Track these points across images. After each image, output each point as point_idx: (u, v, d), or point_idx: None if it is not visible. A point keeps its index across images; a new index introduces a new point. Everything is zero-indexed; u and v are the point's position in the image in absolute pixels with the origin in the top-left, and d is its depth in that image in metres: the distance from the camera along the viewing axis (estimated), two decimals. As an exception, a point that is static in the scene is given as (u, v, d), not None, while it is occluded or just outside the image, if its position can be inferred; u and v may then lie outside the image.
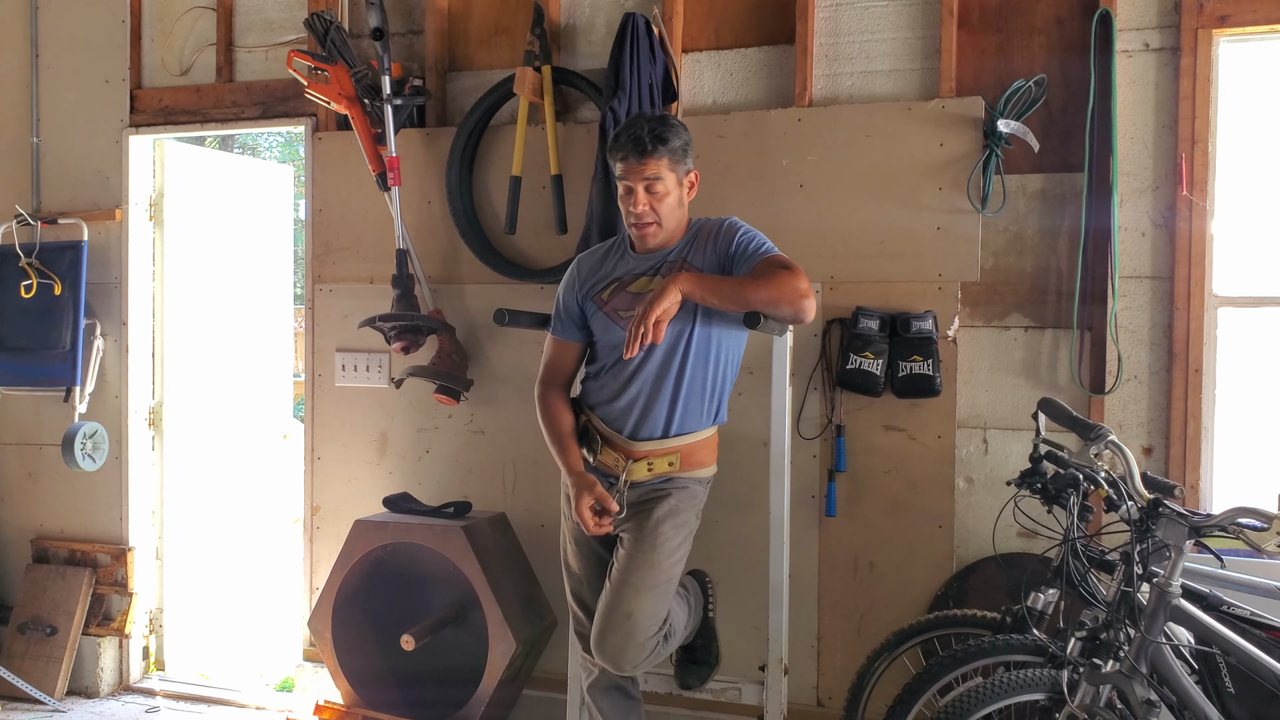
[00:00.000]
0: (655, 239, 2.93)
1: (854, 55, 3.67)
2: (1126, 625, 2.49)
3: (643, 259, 2.98)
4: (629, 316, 2.86)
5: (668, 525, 2.86)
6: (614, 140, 2.94)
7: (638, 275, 2.96)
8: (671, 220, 2.93)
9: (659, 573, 2.83)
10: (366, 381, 4.24)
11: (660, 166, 2.87)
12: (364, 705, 3.79)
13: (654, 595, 2.81)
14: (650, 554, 2.83)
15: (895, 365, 3.50)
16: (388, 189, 3.97)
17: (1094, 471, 2.70)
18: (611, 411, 2.94)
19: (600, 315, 2.97)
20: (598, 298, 2.99)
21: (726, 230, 2.94)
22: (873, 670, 3.22)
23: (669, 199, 2.90)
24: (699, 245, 2.94)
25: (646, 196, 2.87)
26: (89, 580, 4.60)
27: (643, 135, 2.86)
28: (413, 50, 4.20)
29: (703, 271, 2.87)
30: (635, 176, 2.87)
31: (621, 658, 2.81)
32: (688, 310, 2.82)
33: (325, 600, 3.84)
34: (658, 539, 2.84)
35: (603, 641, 2.82)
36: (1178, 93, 3.33)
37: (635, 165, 2.86)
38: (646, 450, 2.91)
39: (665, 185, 2.88)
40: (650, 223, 2.89)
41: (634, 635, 2.79)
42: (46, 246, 4.59)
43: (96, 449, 4.53)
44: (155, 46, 4.58)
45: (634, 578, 2.81)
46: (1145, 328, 3.39)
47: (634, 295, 2.92)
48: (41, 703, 4.43)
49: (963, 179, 3.49)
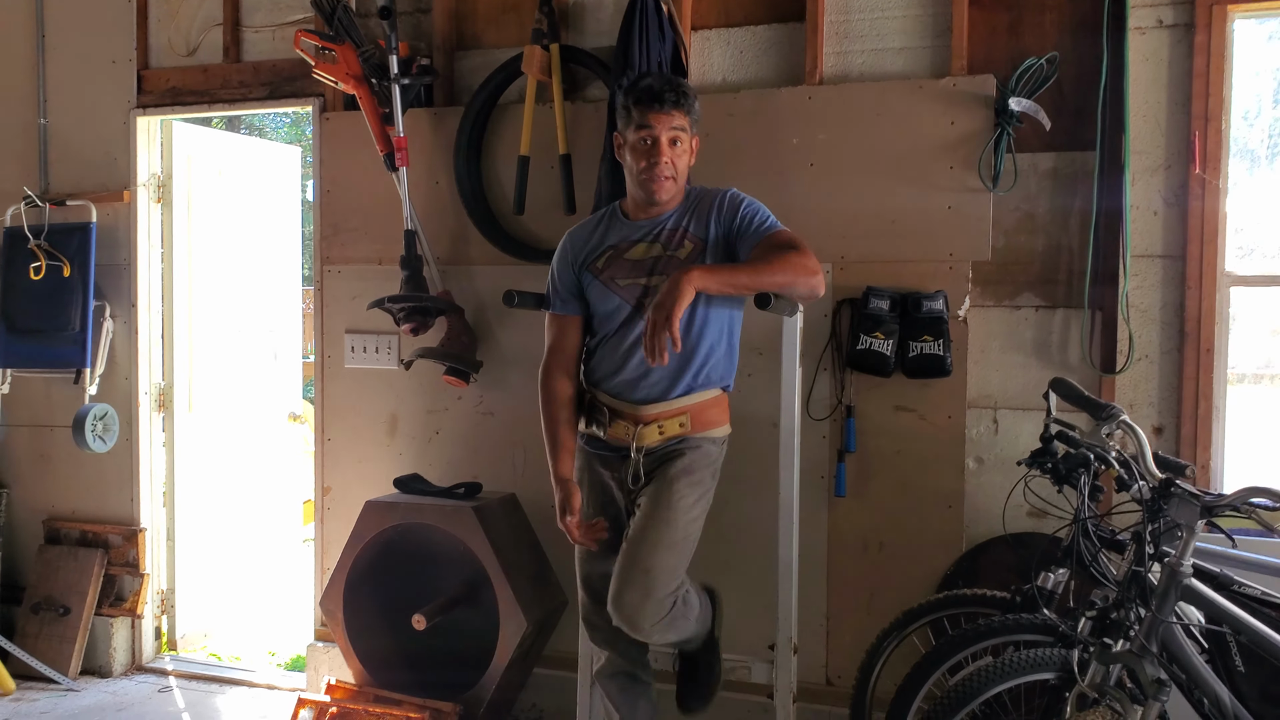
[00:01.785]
0: (668, 194, 2.87)
1: (865, 33, 3.65)
2: (1137, 605, 2.49)
3: (637, 225, 2.93)
4: (628, 285, 2.85)
5: (682, 483, 2.83)
6: (639, 89, 2.85)
7: (634, 242, 2.91)
8: (682, 180, 2.90)
9: (675, 530, 2.79)
10: (376, 363, 4.24)
11: (685, 121, 2.83)
12: (375, 684, 3.81)
13: (671, 552, 2.78)
14: (666, 511, 2.79)
15: (906, 345, 3.48)
16: (395, 169, 3.96)
17: (1105, 451, 2.69)
18: (616, 383, 2.90)
19: (597, 284, 2.92)
20: (593, 267, 2.94)
21: (730, 202, 2.89)
22: (882, 649, 3.23)
23: (684, 158, 2.87)
24: (699, 214, 2.90)
25: (670, 149, 2.82)
26: (101, 561, 4.63)
27: (671, 87, 2.81)
28: (420, 29, 4.18)
29: (704, 241, 2.85)
30: (662, 126, 2.80)
31: (639, 614, 2.76)
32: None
33: (336, 580, 3.85)
34: (673, 496, 2.81)
35: (620, 598, 2.78)
36: (1191, 70, 3.31)
37: (663, 115, 2.80)
38: (655, 413, 2.87)
39: (685, 144, 2.86)
40: (670, 176, 2.84)
41: (652, 591, 2.75)
42: (55, 228, 4.60)
43: (107, 430, 4.54)
44: (162, 26, 4.57)
45: (651, 534, 2.78)
46: (1157, 307, 3.38)
47: (632, 262, 2.88)
48: (56, 682, 4.46)
49: (974, 158, 3.47)
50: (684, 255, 2.85)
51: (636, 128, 2.84)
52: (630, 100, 2.86)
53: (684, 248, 2.87)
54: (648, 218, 2.93)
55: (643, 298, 2.85)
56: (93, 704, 4.31)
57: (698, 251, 2.86)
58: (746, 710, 3.68)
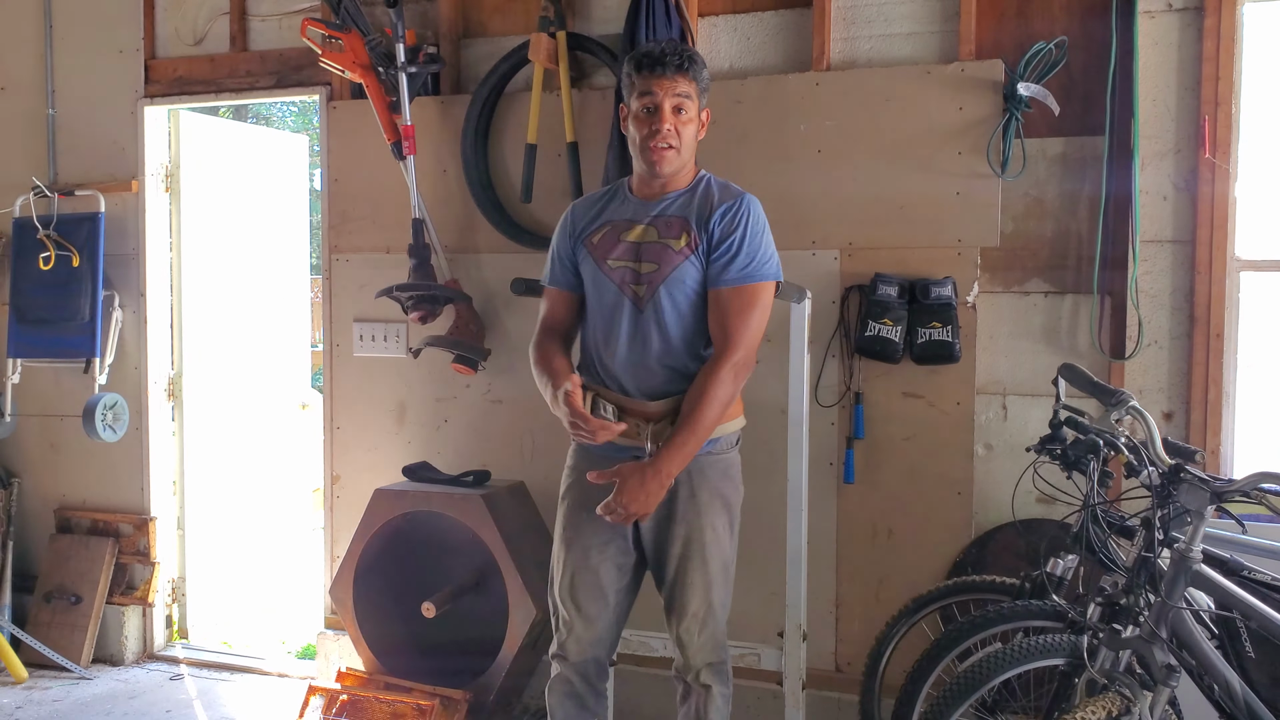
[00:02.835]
0: (670, 165, 2.70)
1: (872, 18, 3.63)
2: (1146, 591, 2.48)
3: (641, 204, 2.77)
4: (618, 267, 2.71)
5: (709, 518, 2.72)
6: (641, 54, 2.70)
7: (633, 223, 2.75)
8: (687, 153, 2.73)
9: (713, 566, 2.73)
10: (384, 351, 4.25)
11: (691, 88, 2.68)
12: (385, 672, 3.83)
13: (714, 589, 2.74)
14: (701, 550, 2.71)
15: (914, 331, 3.48)
16: (403, 158, 3.95)
17: (1114, 437, 2.68)
18: (615, 380, 2.74)
19: (589, 259, 2.77)
20: (588, 240, 2.79)
21: (731, 214, 2.69)
22: (891, 636, 3.24)
23: (690, 128, 2.71)
24: (704, 207, 2.72)
25: (673, 116, 2.66)
26: (112, 550, 4.65)
27: (675, 51, 2.67)
28: (427, 17, 4.18)
29: (700, 241, 2.67)
30: (666, 91, 2.65)
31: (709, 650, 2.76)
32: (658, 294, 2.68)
33: (346, 568, 3.87)
34: (705, 536, 2.71)
35: (683, 645, 2.76)
36: (1201, 54, 3.29)
37: (666, 80, 2.64)
38: (667, 409, 2.69)
39: (691, 112, 2.70)
40: (672, 146, 2.67)
41: (706, 627, 2.74)
42: (64, 218, 4.61)
43: (117, 420, 4.56)
44: (169, 16, 4.57)
45: (693, 577, 2.71)
46: (1166, 292, 3.37)
47: (628, 244, 2.73)
48: (68, 670, 4.49)
49: (982, 143, 3.46)
50: (678, 247, 2.68)
51: (639, 94, 2.69)
52: (632, 67, 2.71)
53: (680, 239, 2.70)
54: (653, 196, 2.77)
55: (632, 283, 2.70)
56: (105, 692, 4.34)
57: (694, 249, 2.69)
58: (756, 697, 3.69)
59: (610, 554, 2.77)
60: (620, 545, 2.78)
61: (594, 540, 2.76)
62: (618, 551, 2.78)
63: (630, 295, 2.70)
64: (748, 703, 3.72)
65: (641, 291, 2.69)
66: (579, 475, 2.79)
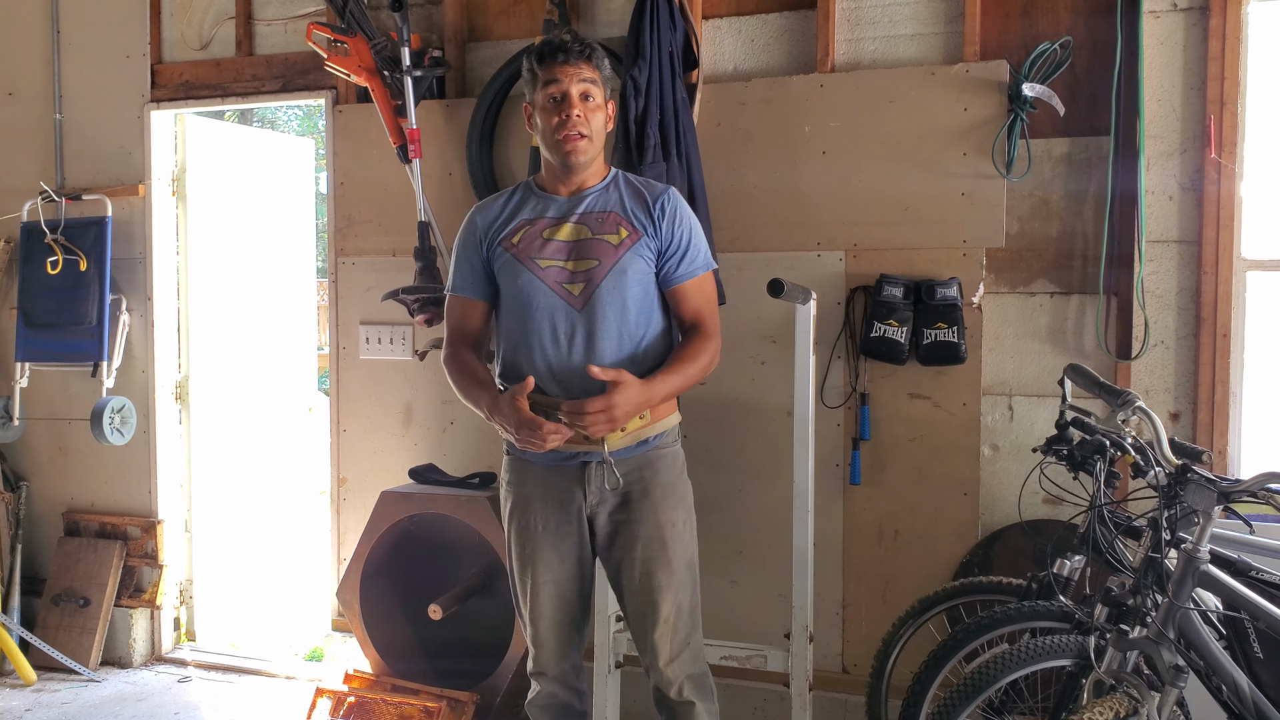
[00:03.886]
0: (584, 155, 2.63)
1: (876, 19, 3.63)
2: (1154, 591, 2.47)
3: (555, 200, 2.70)
4: (548, 267, 2.62)
5: (667, 515, 2.68)
6: (541, 46, 2.66)
7: (557, 220, 2.67)
8: (599, 142, 2.67)
9: (678, 566, 2.68)
10: (390, 354, 4.25)
11: (595, 75, 2.64)
12: (392, 674, 3.83)
13: (683, 590, 2.69)
14: (663, 551, 2.66)
15: (920, 332, 3.48)
16: (409, 161, 3.96)
17: (1121, 437, 2.68)
18: (551, 383, 2.61)
19: (510, 261, 2.66)
20: (506, 242, 2.68)
21: (672, 210, 2.68)
22: (898, 637, 3.23)
23: (598, 115, 2.65)
24: (637, 202, 2.68)
25: (581, 104, 2.61)
26: (120, 553, 4.67)
27: (575, 39, 2.66)
28: (432, 21, 4.19)
29: (643, 233, 2.64)
30: (571, 78, 2.61)
31: (687, 660, 2.71)
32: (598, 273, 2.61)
33: (353, 571, 3.87)
34: (665, 533, 2.67)
35: (662, 660, 2.68)
36: (1206, 54, 3.28)
37: (570, 67, 2.61)
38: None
39: (598, 99, 2.64)
40: (584, 135, 2.61)
41: (679, 631, 2.68)
42: (71, 223, 4.63)
43: (124, 423, 4.57)
44: (175, 21, 4.59)
45: (659, 580, 2.66)
46: (1172, 292, 3.36)
47: (557, 243, 2.65)
48: (77, 673, 4.50)
49: (987, 144, 3.45)
50: (617, 241, 2.63)
51: (543, 85, 2.64)
52: (534, 60, 2.67)
53: (617, 233, 2.65)
54: (569, 193, 2.70)
55: (566, 282, 2.62)
56: (113, 694, 4.35)
57: (635, 240, 2.64)
58: (763, 698, 3.69)
59: (570, 564, 2.71)
60: (579, 554, 2.72)
61: (552, 555, 2.70)
62: (576, 561, 2.72)
63: (565, 295, 2.62)
64: (754, 705, 3.72)
65: (577, 290, 2.62)
66: (520, 493, 2.73)
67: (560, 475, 2.69)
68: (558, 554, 2.70)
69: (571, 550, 2.71)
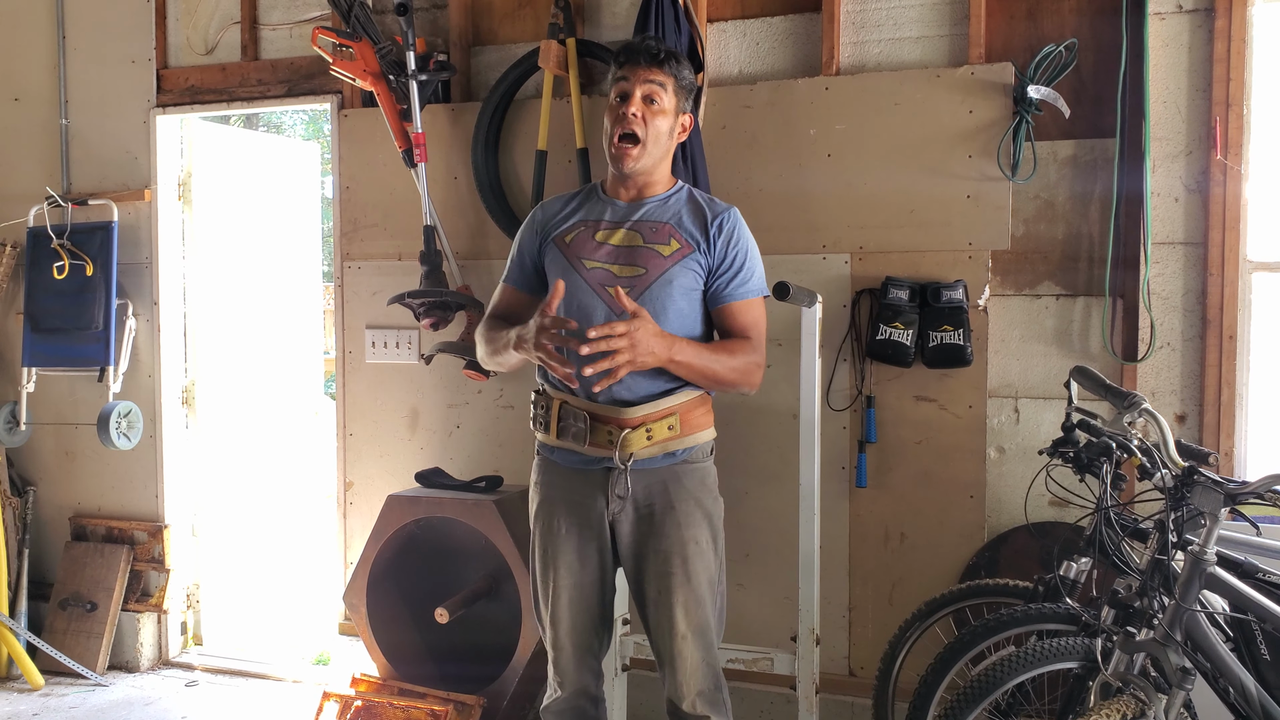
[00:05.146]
0: (635, 162, 2.61)
1: (881, 22, 3.64)
2: (1160, 593, 2.48)
3: (616, 205, 2.70)
4: (594, 269, 2.61)
5: (690, 534, 2.61)
6: (622, 48, 2.66)
7: (613, 224, 2.66)
8: (656, 150, 2.64)
9: (696, 584, 2.61)
10: (396, 358, 4.26)
11: (668, 82, 2.61)
12: (399, 678, 3.84)
13: (700, 605, 2.63)
14: (683, 566, 2.60)
15: (925, 335, 3.48)
16: (414, 165, 3.97)
17: (1127, 440, 2.68)
18: (580, 385, 2.59)
19: (560, 258, 2.66)
20: (559, 239, 2.69)
21: (730, 229, 2.66)
22: (905, 640, 3.23)
23: (661, 120, 2.62)
24: (696, 217, 2.66)
25: (642, 105, 2.59)
26: (127, 557, 4.68)
27: (656, 42, 2.65)
28: (437, 25, 4.19)
29: (696, 247, 2.62)
30: (637, 80, 2.60)
31: (702, 674, 2.63)
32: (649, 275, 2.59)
33: (359, 575, 3.88)
34: (688, 552, 2.60)
35: (678, 674, 2.61)
36: (1211, 55, 3.28)
37: (641, 70, 2.59)
38: (640, 416, 2.57)
39: (663, 104, 2.61)
40: (637, 138, 2.59)
41: (701, 653, 2.62)
42: (77, 228, 4.64)
43: (131, 428, 4.58)
44: (180, 25, 4.60)
45: (675, 598, 2.59)
46: (1178, 294, 3.36)
47: (608, 247, 2.64)
48: (84, 677, 4.51)
49: (993, 146, 3.46)
50: (668, 253, 2.62)
51: (614, 83, 2.64)
52: (615, 61, 2.67)
53: (668, 244, 2.63)
54: (629, 199, 2.70)
55: (609, 285, 2.58)
56: (120, 698, 4.36)
57: (686, 254, 2.62)
58: (769, 701, 3.69)
59: (591, 569, 2.69)
60: (600, 560, 2.69)
61: (575, 558, 2.67)
62: (597, 566, 2.69)
63: (606, 299, 2.59)
64: (761, 708, 3.72)
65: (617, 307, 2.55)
66: (546, 494, 2.73)
67: (584, 480, 2.67)
68: (580, 557, 2.68)
69: (593, 555, 2.68)
